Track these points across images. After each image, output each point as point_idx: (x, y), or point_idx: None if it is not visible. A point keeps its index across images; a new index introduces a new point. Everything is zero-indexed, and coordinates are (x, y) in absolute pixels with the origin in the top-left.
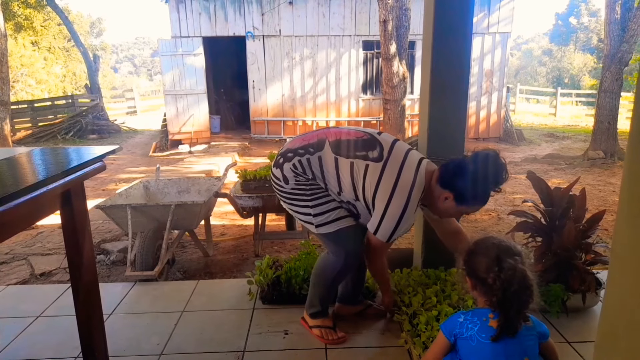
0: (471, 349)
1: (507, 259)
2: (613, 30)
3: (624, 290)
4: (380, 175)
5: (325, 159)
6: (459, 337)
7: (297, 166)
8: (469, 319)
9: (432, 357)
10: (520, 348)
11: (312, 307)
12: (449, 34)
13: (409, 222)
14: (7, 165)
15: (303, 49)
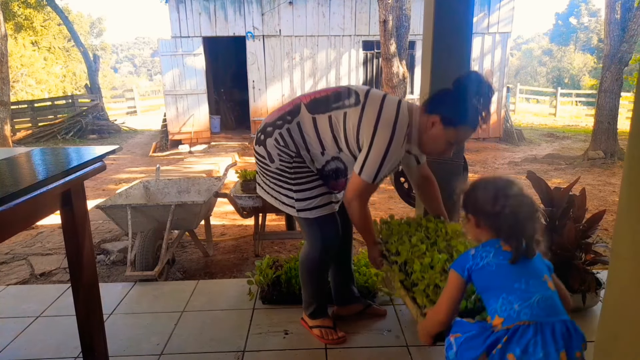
0: (491, 274)
1: (512, 187)
2: (613, 30)
3: (624, 290)
4: (360, 116)
5: (303, 123)
6: (473, 270)
7: (279, 140)
8: (480, 249)
9: (448, 300)
10: (539, 268)
11: (309, 306)
12: (449, 34)
13: (394, 158)
14: (7, 165)
15: (303, 49)
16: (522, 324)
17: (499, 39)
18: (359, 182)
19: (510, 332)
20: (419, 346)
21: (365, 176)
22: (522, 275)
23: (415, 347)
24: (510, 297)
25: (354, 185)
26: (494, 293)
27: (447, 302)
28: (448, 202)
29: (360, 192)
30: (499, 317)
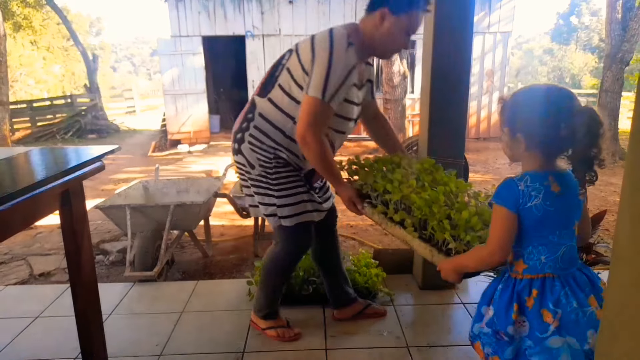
0: (534, 220)
1: (574, 101)
2: (614, 29)
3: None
4: (298, 56)
5: (264, 110)
6: (521, 208)
7: (253, 140)
8: (530, 185)
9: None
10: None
11: (262, 308)
12: (450, 33)
13: (340, 68)
14: (6, 165)
15: None
16: (547, 277)
17: (500, 38)
18: (308, 102)
19: (538, 284)
20: (419, 347)
21: (313, 91)
22: (558, 227)
23: (416, 347)
24: (540, 248)
25: (304, 110)
26: (526, 237)
27: (502, 238)
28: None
29: (312, 115)
30: (523, 263)
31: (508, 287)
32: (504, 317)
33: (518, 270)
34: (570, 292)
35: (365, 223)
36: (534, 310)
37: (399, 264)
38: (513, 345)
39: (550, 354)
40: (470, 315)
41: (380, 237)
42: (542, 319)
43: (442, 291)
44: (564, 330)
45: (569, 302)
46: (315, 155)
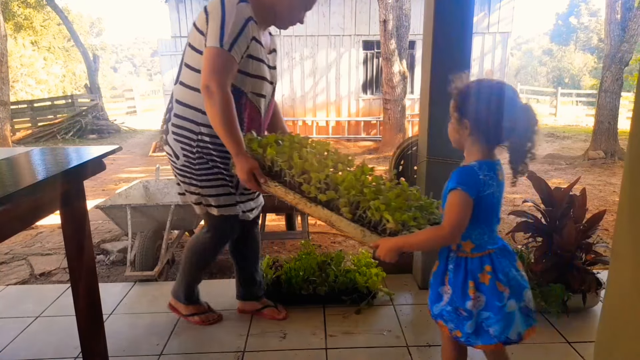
0: (487, 205)
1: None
2: (613, 30)
3: (624, 290)
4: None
5: (179, 96)
6: (480, 195)
7: (175, 130)
8: (487, 174)
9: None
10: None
11: (183, 295)
12: (449, 33)
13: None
14: (6, 165)
15: (303, 48)
16: (491, 252)
17: (499, 38)
18: (208, 52)
19: (486, 260)
20: (419, 346)
21: (211, 41)
22: (499, 209)
23: (416, 347)
24: (486, 228)
25: (205, 61)
26: (479, 220)
27: (461, 221)
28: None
29: (213, 64)
30: (471, 243)
31: (460, 267)
32: (461, 294)
33: (466, 250)
34: (508, 261)
35: None
36: (491, 284)
37: (399, 264)
38: (472, 320)
39: (508, 318)
40: None
41: None
42: (497, 289)
43: None
44: (512, 295)
45: (511, 270)
46: (219, 106)
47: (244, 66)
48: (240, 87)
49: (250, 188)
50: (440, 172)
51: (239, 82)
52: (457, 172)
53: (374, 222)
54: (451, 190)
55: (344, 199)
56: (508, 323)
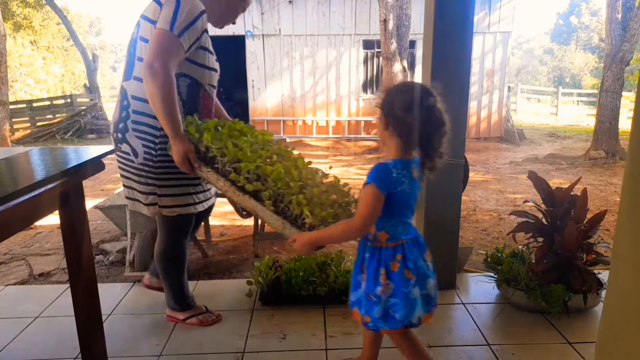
0: (401, 200)
1: (427, 97)
2: (614, 29)
3: (626, 290)
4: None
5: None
6: (392, 191)
7: (136, 127)
8: (400, 172)
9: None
10: (420, 182)
11: (174, 303)
12: (450, 33)
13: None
14: (5, 165)
15: (303, 48)
16: (404, 242)
17: (500, 38)
18: (156, 33)
19: (399, 250)
20: None
21: (161, 24)
22: (413, 203)
23: None
24: (399, 221)
25: (152, 41)
26: (393, 214)
27: (372, 215)
28: (445, 199)
29: (160, 45)
30: (386, 234)
31: (375, 255)
32: (373, 280)
33: (381, 240)
34: (418, 252)
35: None
36: (399, 272)
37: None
38: (380, 305)
39: (412, 304)
40: (470, 315)
41: None
42: (405, 277)
43: (442, 291)
44: (417, 283)
45: (419, 260)
46: (161, 88)
47: (200, 59)
48: (199, 80)
49: (184, 171)
50: (440, 172)
51: (198, 75)
52: (373, 169)
53: (294, 216)
54: (365, 185)
55: (269, 192)
56: (411, 309)
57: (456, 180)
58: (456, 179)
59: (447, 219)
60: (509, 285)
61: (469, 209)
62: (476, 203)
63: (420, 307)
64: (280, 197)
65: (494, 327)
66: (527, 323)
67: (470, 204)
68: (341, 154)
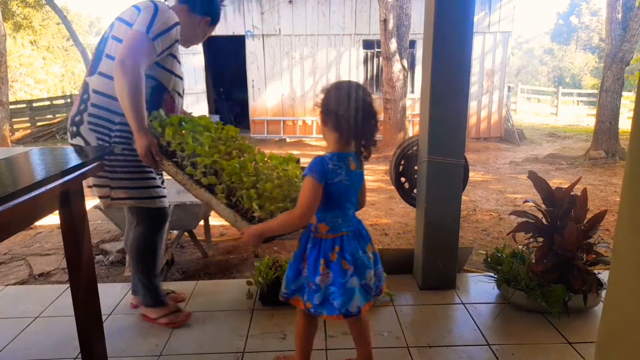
0: (338, 192)
1: (355, 91)
2: (614, 29)
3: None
4: (123, 22)
5: (97, 86)
6: (328, 184)
7: (92, 120)
8: (336, 164)
9: (309, 203)
10: (360, 180)
11: (146, 298)
12: (450, 33)
13: (165, 17)
14: (5, 165)
15: (303, 48)
16: (344, 234)
17: (500, 38)
18: (131, 34)
19: (338, 241)
20: (419, 347)
21: (138, 26)
22: (352, 195)
23: (416, 347)
24: (339, 212)
25: (126, 40)
26: (330, 206)
27: (310, 205)
28: (445, 199)
29: (134, 44)
30: (326, 225)
31: (315, 246)
32: (313, 270)
33: (322, 232)
34: (358, 244)
35: (366, 223)
36: (337, 262)
37: (399, 264)
38: (320, 293)
39: (349, 293)
40: (470, 315)
41: (380, 237)
42: (342, 268)
43: (442, 291)
44: (355, 273)
45: (358, 252)
46: (130, 83)
47: (170, 65)
48: (164, 84)
49: (146, 164)
50: (440, 172)
51: (164, 79)
52: (312, 162)
53: (245, 209)
54: (304, 176)
55: (222, 185)
56: (349, 297)
57: (456, 180)
58: (456, 179)
59: (447, 219)
60: (509, 285)
61: (469, 209)
62: (476, 203)
63: (359, 297)
64: (233, 191)
65: (494, 327)
66: (527, 323)
67: (470, 204)
68: None
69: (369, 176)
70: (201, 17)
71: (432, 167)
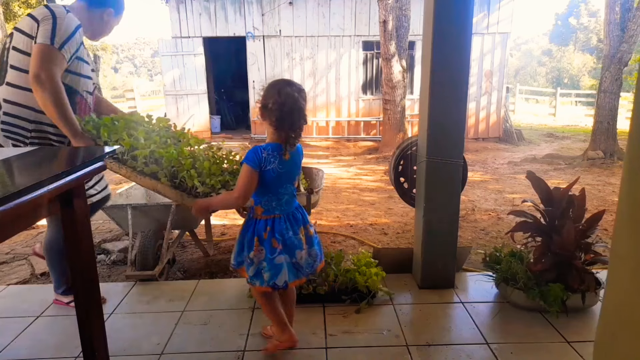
0: (271, 178)
1: (285, 87)
2: (612, 30)
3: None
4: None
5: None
6: (263, 169)
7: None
8: (270, 154)
9: (246, 187)
10: (296, 169)
11: (60, 285)
12: (449, 34)
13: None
14: (6, 166)
15: (303, 49)
16: (276, 217)
17: (499, 39)
18: (37, 48)
19: (270, 222)
20: (419, 346)
21: (41, 39)
22: (285, 181)
23: (415, 346)
24: (272, 197)
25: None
26: (264, 190)
27: (245, 188)
28: (444, 199)
29: (42, 58)
30: (261, 208)
31: (252, 226)
32: (249, 246)
33: (258, 213)
34: (290, 226)
35: (365, 223)
36: (267, 240)
37: (399, 264)
38: (253, 266)
39: (277, 268)
40: (469, 314)
41: (380, 237)
42: (272, 246)
43: (441, 290)
44: (284, 251)
45: (288, 233)
46: (50, 95)
47: (76, 68)
48: (74, 87)
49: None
50: (439, 172)
51: (73, 82)
52: (248, 151)
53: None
54: (241, 164)
55: (164, 171)
56: (276, 272)
57: (455, 180)
58: (455, 179)
59: (446, 218)
60: (507, 284)
61: (468, 208)
62: (475, 203)
63: (287, 273)
64: (175, 174)
65: (493, 326)
66: (525, 322)
67: (469, 204)
68: (341, 154)
69: (369, 176)
70: (102, 10)
71: (431, 167)
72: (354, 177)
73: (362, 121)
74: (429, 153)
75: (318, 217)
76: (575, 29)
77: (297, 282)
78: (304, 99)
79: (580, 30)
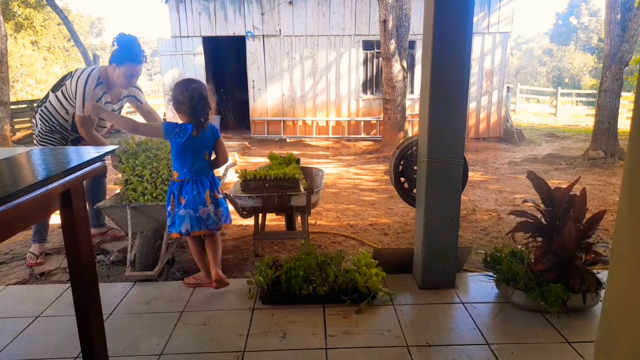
0: (180, 148)
1: (190, 84)
2: (613, 30)
3: (625, 290)
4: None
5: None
6: (171, 139)
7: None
8: (182, 130)
9: (144, 131)
10: (205, 146)
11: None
12: (449, 33)
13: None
14: (6, 165)
15: (303, 48)
16: (186, 180)
17: (499, 38)
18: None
19: (180, 184)
20: (419, 346)
21: (77, 111)
22: (193, 153)
23: (415, 347)
24: (183, 164)
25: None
26: (177, 159)
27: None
28: (445, 199)
29: (80, 124)
30: (177, 173)
31: (171, 186)
32: (168, 202)
33: (175, 177)
34: (195, 188)
35: (365, 223)
36: (176, 197)
37: (399, 264)
38: (170, 217)
39: (181, 219)
40: (470, 314)
41: (380, 237)
42: (179, 202)
43: (442, 291)
44: (187, 206)
45: (193, 192)
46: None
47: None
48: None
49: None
50: (440, 172)
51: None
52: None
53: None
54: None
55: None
56: (180, 222)
57: (455, 180)
58: (455, 179)
59: (446, 218)
60: (508, 284)
61: (469, 208)
62: (475, 203)
63: (189, 223)
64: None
65: (493, 326)
66: (526, 322)
67: (469, 204)
68: (341, 154)
69: (369, 176)
70: (123, 66)
71: (432, 167)
72: (354, 177)
73: (362, 121)
74: (430, 153)
75: (318, 217)
76: (576, 29)
77: (201, 232)
78: (206, 90)
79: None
